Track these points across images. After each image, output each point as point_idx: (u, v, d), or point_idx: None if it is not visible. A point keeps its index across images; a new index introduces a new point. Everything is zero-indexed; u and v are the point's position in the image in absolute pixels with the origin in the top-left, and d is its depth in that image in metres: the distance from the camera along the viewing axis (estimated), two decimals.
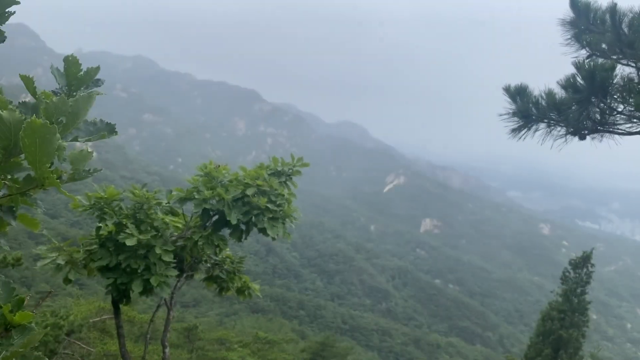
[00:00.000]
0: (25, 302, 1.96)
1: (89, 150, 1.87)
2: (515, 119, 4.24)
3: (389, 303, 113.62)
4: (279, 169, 7.30)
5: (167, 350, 6.87)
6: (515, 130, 4.26)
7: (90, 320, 15.38)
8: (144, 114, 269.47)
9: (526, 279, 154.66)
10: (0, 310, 1.89)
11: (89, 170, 1.88)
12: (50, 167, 1.73)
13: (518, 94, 4.11)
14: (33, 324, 2.09)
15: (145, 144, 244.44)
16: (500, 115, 4.26)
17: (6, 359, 1.94)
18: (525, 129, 4.21)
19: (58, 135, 1.66)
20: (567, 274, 23.71)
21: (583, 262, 23.44)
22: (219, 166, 7.07)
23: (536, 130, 4.28)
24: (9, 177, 2.03)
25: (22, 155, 1.98)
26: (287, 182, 7.26)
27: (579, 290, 23.03)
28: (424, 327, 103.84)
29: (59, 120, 1.87)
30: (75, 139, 1.97)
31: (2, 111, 1.76)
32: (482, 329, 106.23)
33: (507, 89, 4.20)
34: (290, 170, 7.33)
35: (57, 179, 1.75)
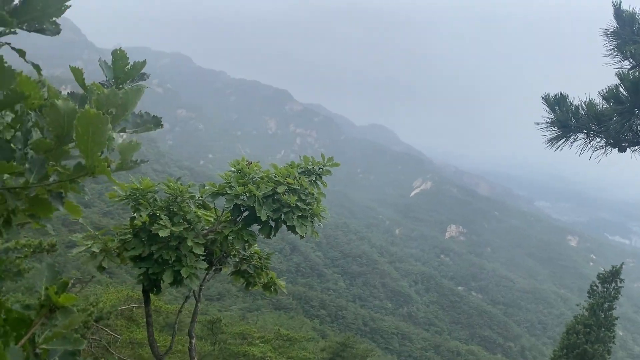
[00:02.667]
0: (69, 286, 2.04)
1: (138, 141, 1.94)
2: (554, 128, 4.18)
3: (410, 307, 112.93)
4: (310, 167, 7.33)
5: (193, 341, 6.99)
6: (553, 140, 4.20)
7: (119, 308, 15.70)
8: (178, 110, 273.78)
9: (551, 291, 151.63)
10: (46, 291, 1.96)
11: (136, 160, 1.94)
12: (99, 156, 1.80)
13: (557, 103, 4.05)
14: (74, 307, 2.17)
15: (178, 139, 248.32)
16: (538, 124, 4.20)
17: (49, 338, 2.02)
18: (564, 139, 4.14)
19: (110, 125, 1.73)
20: (594, 287, 23.24)
21: (612, 277, 22.93)
22: (251, 163, 7.15)
23: (574, 140, 4.20)
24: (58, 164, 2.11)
25: (71, 144, 2.06)
26: (317, 181, 7.28)
27: (606, 305, 22.54)
28: (445, 333, 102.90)
29: (109, 111, 1.95)
30: (123, 130, 2.04)
31: (57, 100, 1.84)
32: (503, 339, 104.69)
33: (546, 98, 4.14)
34: (321, 170, 7.35)
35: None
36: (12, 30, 1.91)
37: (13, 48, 2.09)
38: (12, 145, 1.94)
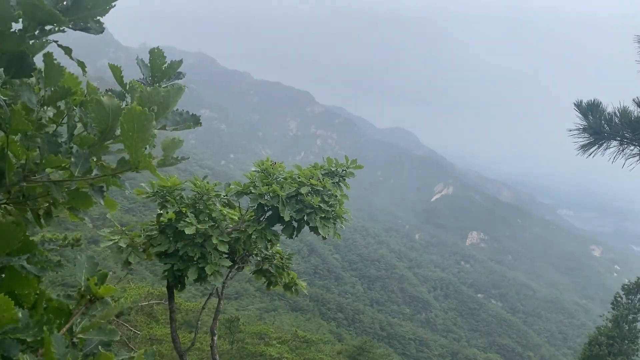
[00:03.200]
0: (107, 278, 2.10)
1: (180, 139, 1.99)
2: (586, 135, 4.12)
3: (428, 314, 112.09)
4: (333, 169, 7.35)
5: (215, 338, 7.07)
6: (585, 147, 4.14)
7: (139, 304, 15.90)
8: (201, 110, 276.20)
9: (572, 301, 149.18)
10: (87, 282, 2.02)
11: (177, 157, 1.99)
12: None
13: (590, 110, 4.00)
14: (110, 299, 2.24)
15: (201, 139, 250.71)
16: (570, 130, 4.14)
17: (86, 328, 2.08)
18: (596, 146, 4.08)
19: (154, 122, 1.78)
20: (619, 299, 22.86)
21: (637, 288, 22.52)
22: (275, 163, 7.21)
23: (607, 148, 4.12)
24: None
25: (109, 140, 2.13)
26: (340, 183, 7.30)
27: (630, 317, 22.15)
28: (463, 340, 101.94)
29: (151, 109, 2.00)
30: (163, 128, 2.08)
31: (103, 97, 1.89)
32: (522, 348, 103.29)
33: (578, 105, 4.09)
34: (344, 172, 7.36)
35: None
36: (61, 28, 1.98)
37: (60, 45, 2.16)
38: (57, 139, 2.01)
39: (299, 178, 6.94)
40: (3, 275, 2.02)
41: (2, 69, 1.93)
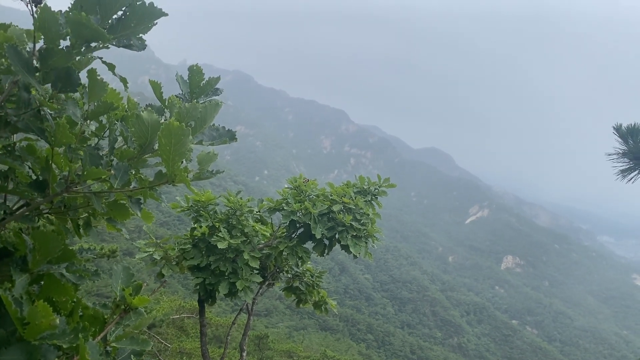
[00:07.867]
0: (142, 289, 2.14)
1: (215, 153, 2.03)
2: (625, 160, 4.01)
3: (461, 338, 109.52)
4: (365, 187, 7.34)
5: (244, 354, 7.07)
6: (625, 172, 4.02)
7: (171, 317, 16.05)
8: (237, 126, 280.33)
9: (612, 331, 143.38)
10: (122, 292, 2.07)
11: (212, 171, 2.03)
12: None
13: (630, 134, 3.90)
14: (143, 310, 2.28)
15: (236, 155, 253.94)
16: (609, 155, 4.04)
17: (120, 337, 2.12)
18: (636, 172, 3.96)
19: (191, 137, 1.82)
20: None
21: None
22: (308, 181, 7.24)
23: None
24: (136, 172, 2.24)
25: (149, 154, 2.19)
26: (372, 202, 7.28)
27: None
28: None
29: (189, 124, 2.05)
30: (200, 142, 2.13)
31: (143, 112, 1.96)
32: None
33: (617, 129, 3.99)
34: (376, 190, 7.35)
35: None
36: (105, 45, 2.06)
37: (104, 62, 2.25)
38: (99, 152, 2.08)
39: (331, 196, 6.96)
40: (42, 283, 2.09)
41: (50, 83, 2.02)
